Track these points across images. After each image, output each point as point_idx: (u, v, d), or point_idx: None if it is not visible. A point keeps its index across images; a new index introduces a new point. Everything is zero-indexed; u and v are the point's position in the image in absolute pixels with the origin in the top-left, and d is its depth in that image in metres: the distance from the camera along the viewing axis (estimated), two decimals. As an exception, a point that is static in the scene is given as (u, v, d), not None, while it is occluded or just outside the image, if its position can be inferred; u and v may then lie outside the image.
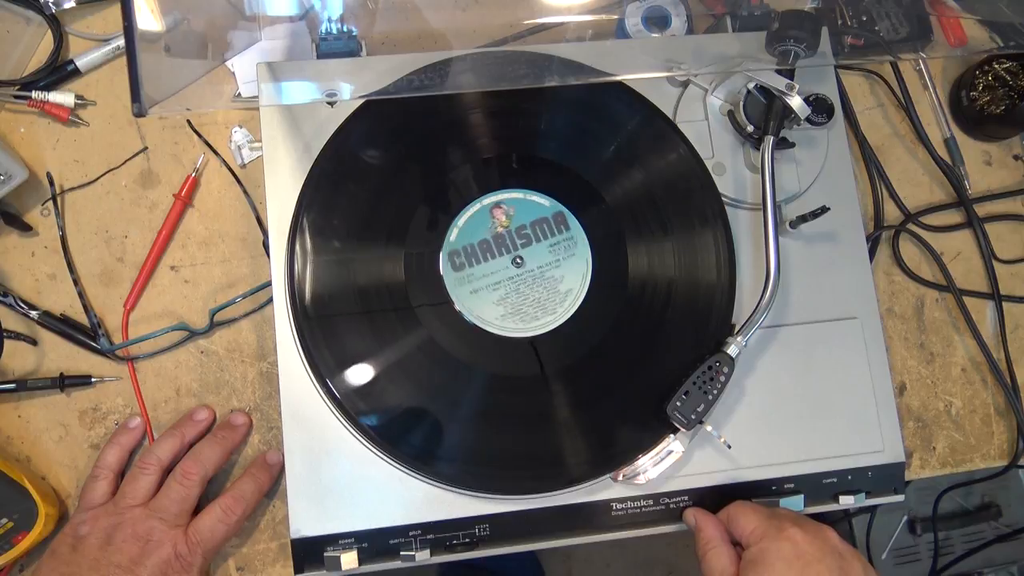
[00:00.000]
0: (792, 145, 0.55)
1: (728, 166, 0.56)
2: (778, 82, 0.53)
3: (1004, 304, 0.62)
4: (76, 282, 0.55)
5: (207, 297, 0.56)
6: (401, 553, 0.49)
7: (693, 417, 0.49)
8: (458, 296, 0.51)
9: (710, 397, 0.50)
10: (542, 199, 0.52)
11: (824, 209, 0.53)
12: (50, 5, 0.57)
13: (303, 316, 0.50)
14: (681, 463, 0.50)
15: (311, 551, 0.48)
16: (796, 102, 0.52)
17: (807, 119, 0.54)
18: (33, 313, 0.54)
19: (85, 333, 0.54)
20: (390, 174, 0.54)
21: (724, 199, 0.55)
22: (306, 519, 0.48)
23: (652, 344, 0.52)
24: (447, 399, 0.51)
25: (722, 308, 0.53)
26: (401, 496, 0.49)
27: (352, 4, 0.55)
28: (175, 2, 0.47)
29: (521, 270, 0.52)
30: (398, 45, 0.60)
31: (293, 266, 0.51)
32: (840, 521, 0.92)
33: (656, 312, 0.53)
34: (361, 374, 0.50)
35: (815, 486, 0.52)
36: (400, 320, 0.51)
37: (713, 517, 0.49)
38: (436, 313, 0.51)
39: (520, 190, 0.53)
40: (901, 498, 0.53)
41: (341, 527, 0.48)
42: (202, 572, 0.49)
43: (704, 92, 0.57)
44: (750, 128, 0.54)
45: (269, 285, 0.52)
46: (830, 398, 0.53)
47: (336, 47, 0.55)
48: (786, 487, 0.52)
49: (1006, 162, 0.66)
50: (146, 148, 0.58)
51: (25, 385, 0.53)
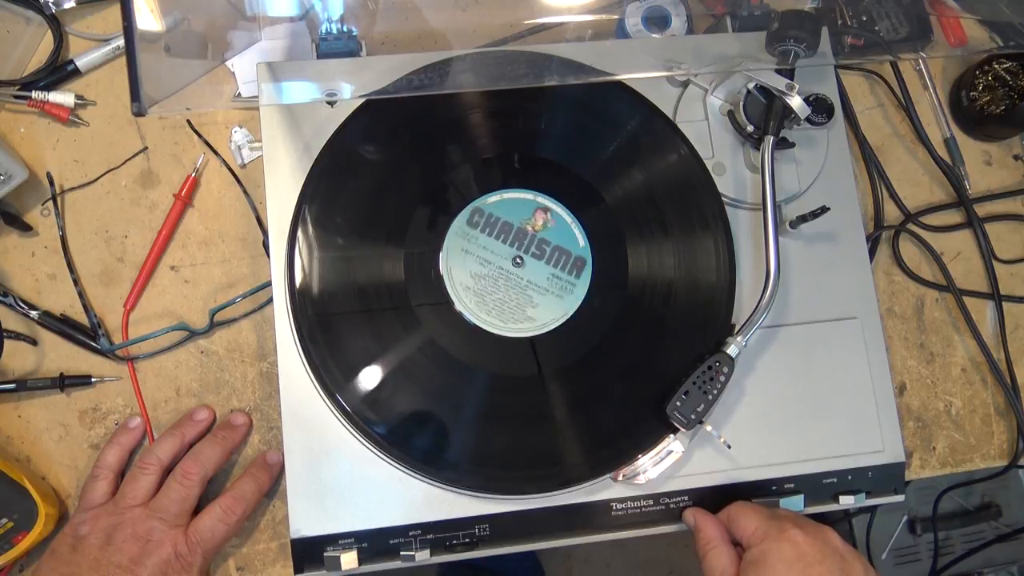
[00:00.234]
0: (792, 145, 0.55)
1: (728, 166, 0.56)
2: (778, 82, 0.53)
3: (1004, 304, 0.62)
4: (76, 282, 0.55)
5: (207, 297, 0.56)
6: (401, 553, 0.49)
7: (693, 417, 0.49)
8: (448, 247, 0.51)
9: (710, 397, 0.50)
10: (581, 236, 0.52)
11: (824, 209, 0.53)
12: (50, 5, 0.57)
13: (303, 316, 0.50)
14: (681, 463, 0.50)
15: (311, 551, 0.48)
16: (796, 102, 0.52)
17: (807, 119, 0.54)
18: (33, 313, 0.54)
19: (85, 333, 0.54)
20: (390, 174, 0.54)
21: (724, 199, 0.55)
22: (306, 519, 0.48)
23: (652, 344, 0.52)
24: (447, 399, 0.51)
25: (722, 308, 0.53)
26: (401, 496, 0.49)
27: (352, 4, 0.55)
28: (175, 2, 0.47)
29: (514, 270, 0.52)
30: (398, 45, 0.60)
31: (293, 266, 0.51)
32: (840, 521, 0.92)
33: (656, 312, 0.53)
34: (361, 374, 0.50)
35: (815, 486, 0.52)
36: (400, 320, 0.51)
37: (713, 517, 0.49)
38: (436, 313, 0.51)
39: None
40: (901, 498, 0.53)
41: (341, 527, 0.48)
42: (202, 572, 0.49)
43: (704, 92, 0.56)
44: (750, 128, 0.54)
45: (269, 285, 0.52)
46: (830, 398, 0.53)
47: (336, 47, 0.55)
48: (786, 487, 0.52)
49: (1006, 162, 0.66)
50: (146, 148, 0.58)
51: (25, 385, 0.53)
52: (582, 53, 0.56)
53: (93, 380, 0.54)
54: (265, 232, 0.56)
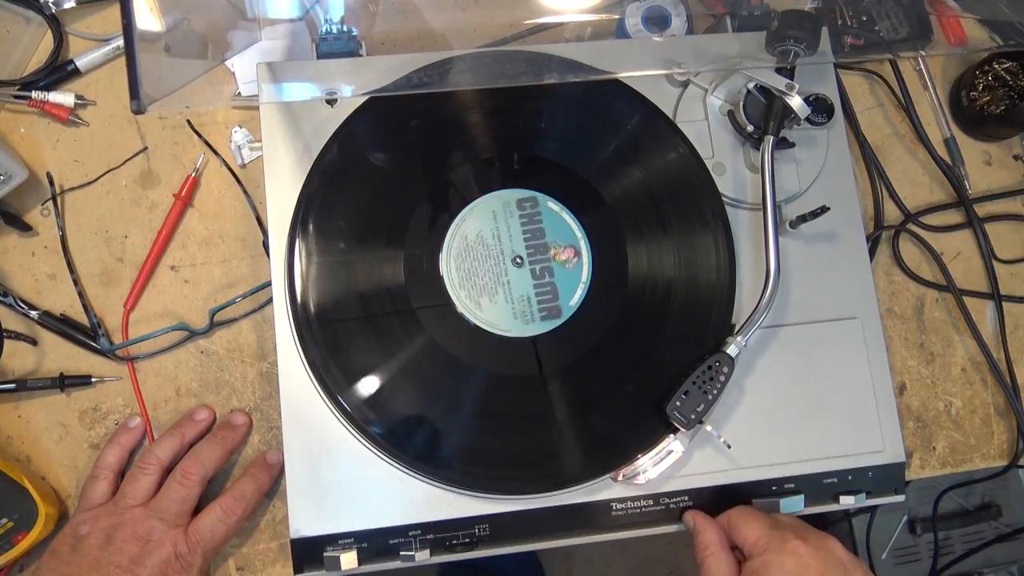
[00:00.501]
0: (792, 145, 0.55)
1: (728, 166, 0.56)
2: (778, 82, 0.53)
3: (1004, 304, 0.62)
4: (76, 282, 0.55)
5: (207, 297, 0.56)
6: (401, 553, 0.49)
7: (693, 417, 0.49)
8: (478, 211, 0.52)
9: (710, 397, 0.50)
10: (581, 292, 0.52)
11: (824, 209, 0.53)
12: (50, 5, 0.57)
13: (303, 316, 0.50)
14: (681, 463, 0.50)
15: (311, 551, 0.48)
16: (796, 102, 0.52)
17: (807, 119, 0.54)
18: (33, 313, 0.54)
19: (85, 333, 0.54)
20: (390, 174, 0.54)
21: (724, 199, 0.55)
22: (306, 519, 0.48)
23: (652, 344, 0.52)
24: (447, 399, 0.51)
25: (722, 308, 0.53)
26: (401, 496, 0.49)
27: (352, 5, 0.55)
28: (175, 2, 0.47)
29: (508, 264, 0.52)
30: (398, 45, 0.60)
31: (293, 266, 0.51)
32: (840, 521, 0.92)
33: (656, 312, 0.53)
34: (361, 374, 0.50)
35: (815, 486, 0.52)
36: (400, 321, 0.51)
37: (712, 521, 0.49)
38: (436, 314, 0.51)
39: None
40: (901, 498, 0.53)
41: (341, 527, 0.48)
42: (202, 572, 0.49)
43: (704, 92, 0.56)
44: (750, 128, 0.54)
45: (269, 285, 0.52)
46: (830, 398, 0.53)
47: (336, 47, 0.55)
48: (786, 487, 0.52)
49: (1006, 162, 0.66)
50: (146, 148, 0.58)
51: (25, 385, 0.53)
52: (582, 53, 0.56)
53: (93, 380, 0.54)
54: (265, 232, 0.56)
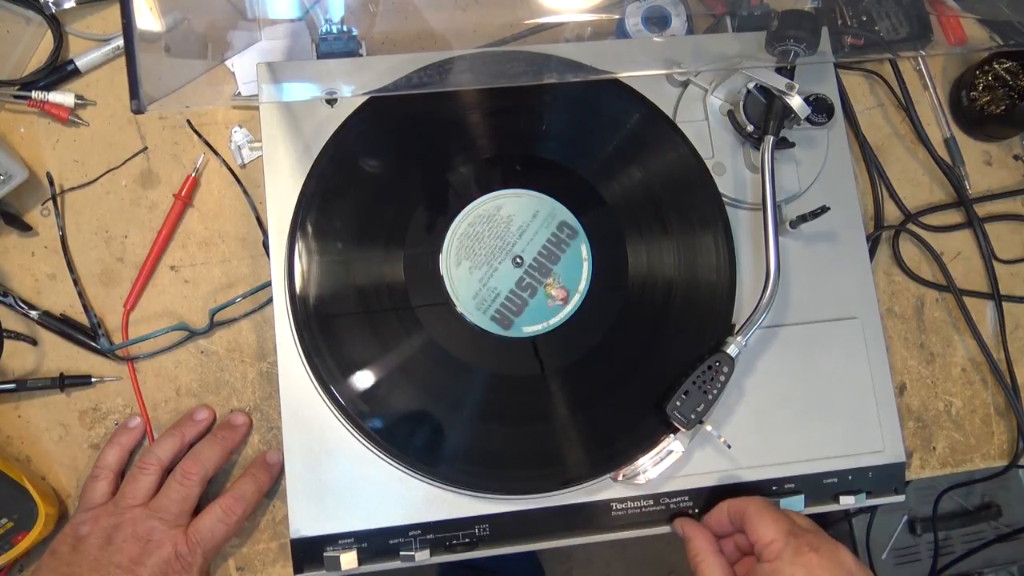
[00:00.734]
0: (792, 145, 0.55)
1: (728, 166, 0.56)
2: (778, 82, 0.53)
3: (1004, 304, 0.62)
4: (76, 282, 0.55)
5: (207, 297, 0.56)
6: (401, 553, 0.49)
7: (693, 417, 0.49)
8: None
9: (710, 397, 0.50)
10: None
11: (824, 209, 0.53)
12: (50, 5, 0.57)
13: (303, 316, 0.50)
14: (681, 463, 0.50)
15: (311, 551, 0.48)
16: (796, 102, 0.52)
17: (807, 119, 0.54)
18: (33, 313, 0.54)
19: (85, 333, 0.54)
20: (390, 174, 0.54)
21: (724, 199, 0.55)
22: (306, 519, 0.48)
23: (652, 344, 0.52)
24: (447, 399, 0.51)
25: (722, 308, 0.53)
26: (401, 496, 0.49)
27: (352, 5, 0.55)
28: (175, 2, 0.47)
29: (511, 263, 0.52)
30: (398, 45, 0.60)
31: (293, 266, 0.51)
32: (840, 521, 0.92)
33: (656, 312, 0.53)
34: (361, 374, 0.50)
35: (815, 486, 0.52)
36: (400, 320, 0.51)
37: (701, 527, 0.49)
38: (436, 314, 0.51)
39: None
40: (901, 498, 0.53)
41: (341, 527, 0.48)
42: (202, 572, 0.49)
43: (704, 92, 0.56)
44: (750, 128, 0.54)
45: (269, 285, 0.52)
46: (830, 398, 0.53)
47: (336, 47, 0.55)
48: (786, 487, 0.52)
49: (1006, 162, 0.66)
50: (146, 148, 0.58)
51: (25, 385, 0.53)
52: (582, 53, 0.56)
53: (93, 380, 0.54)
54: (265, 232, 0.56)
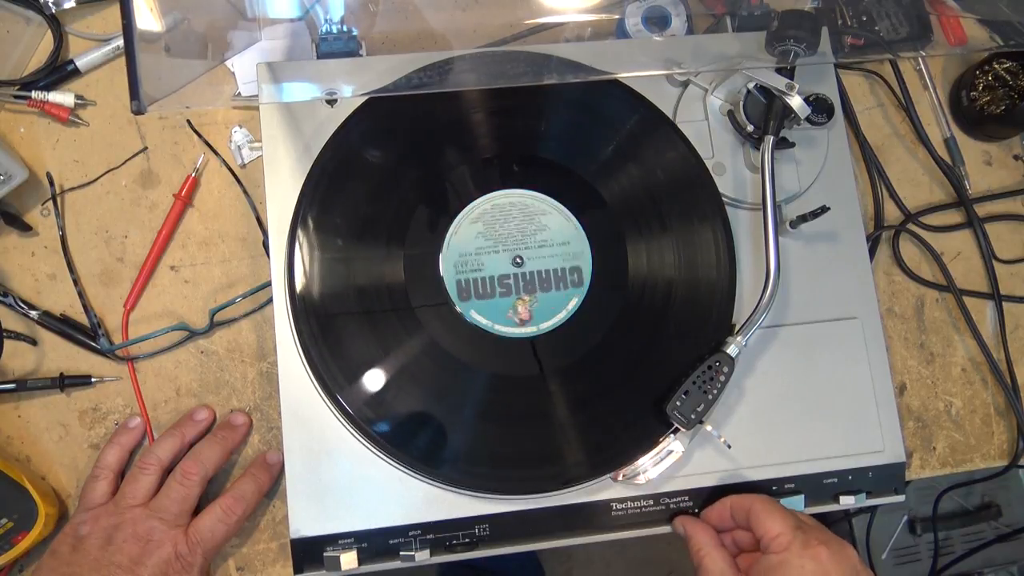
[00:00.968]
0: (792, 145, 0.55)
1: (728, 166, 0.56)
2: (778, 82, 0.53)
3: (1004, 304, 0.62)
4: (76, 282, 0.55)
5: (207, 297, 0.56)
6: (401, 553, 0.49)
7: (693, 417, 0.49)
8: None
9: (710, 397, 0.50)
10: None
11: (824, 209, 0.53)
12: (50, 5, 0.57)
13: (303, 316, 0.50)
14: (681, 463, 0.50)
15: (311, 551, 0.48)
16: (796, 102, 0.52)
17: (807, 119, 0.54)
18: (33, 313, 0.54)
19: (85, 333, 0.54)
20: (390, 174, 0.54)
21: (724, 199, 0.55)
22: (306, 519, 0.48)
23: (652, 344, 0.52)
24: (447, 399, 0.51)
25: (722, 308, 0.53)
26: (401, 496, 0.49)
27: (352, 5, 0.55)
28: (175, 2, 0.47)
29: (513, 260, 0.52)
30: (398, 45, 0.60)
31: (293, 266, 0.51)
32: (840, 521, 0.92)
33: (656, 312, 0.53)
34: (361, 374, 0.50)
35: (815, 486, 0.52)
36: (400, 321, 0.51)
37: (701, 522, 0.49)
38: (436, 314, 0.51)
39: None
40: (901, 498, 0.53)
41: (341, 527, 0.48)
42: (202, 572, 0.49)
43: (704, 92, 0.56)
44: (750, 128, 0.54)
45: (269, 285, 0.52)
46: (830, 398, 0.53)
47: (336, 47, 0.55)
48: (786, 487, 0.52)
49: (1006, 162, 0.66)
50: (146, 148, 0.58)
51: (25, 385, 0.53)
52: (582, 53, 0.56)
53: (93, 380, 0.54)
54: (265, 232, 0.56)
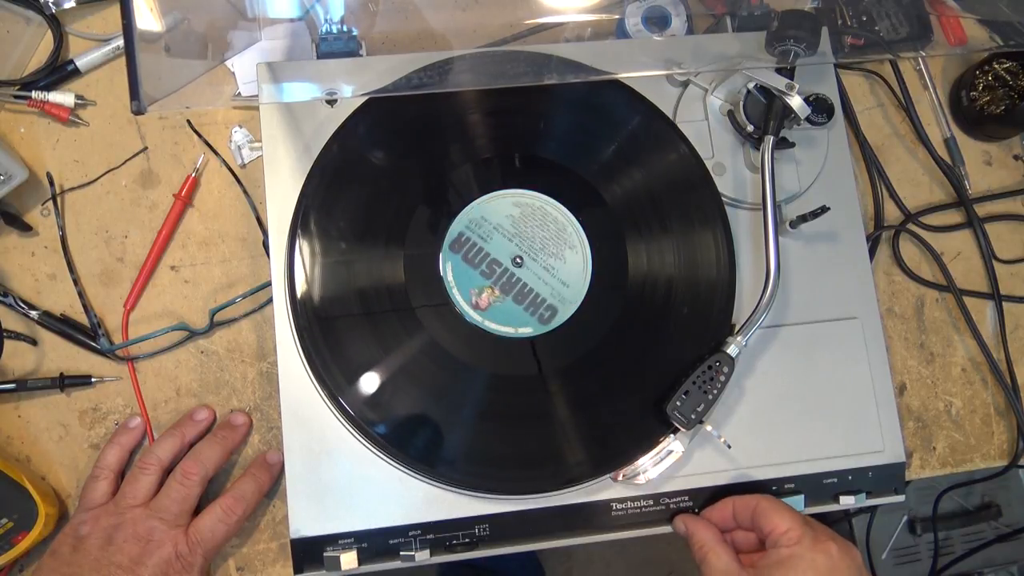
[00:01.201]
0: (792, 145, 0.55)
1: (728, 166, 0.56)
2: (778, 82, 0.53)
3: (1004, 304, 0.62)
4: (76, 282, 0.55)
5: (207, 297, 0.56)
6: (401, 553, 0.49)
7: (693, 417, 0.49)
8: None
9: (710, 397, 0.50)
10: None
11: (824, 209, 0.53)
12: (50, 5, 0.57)
13: (303, 316, 0.50)
14: (681, 463, 0.50)
15: (311, 551, 0.48)
16: (796, 102, 0.52)
17: (807, 119, 0.54)
18: (33, 313, 0.54)
19: (85, 333, 0.54)
20: (390, 174, 0.54)
21: (724, 199, 0.55)
22: (306, 519, 0.48)
23: (652, 344, 0.52)
24: (447, 399, 0.51)
25: (722, 308, 0.53)
26: (401, 496, 0.49)
27: (352, 5, 0.55)
28: (175, 2, 0.47)
29: (516, 263, 0.52)
30: (398, 45, 0.60)
31: (293, 266, 0.51)
32: (840, 521, 0.92)
33: (656, 312, 0.53)
34: (361, 374, 0.50)
35: (815, 486, 0.52)
36: (400, 321, 0.51)
37: (702, 520, 0.49)
38: (436, 314, 0.51)
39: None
40: (901, 498, 0.53)
41: (341, 527, 0.48)
42: (203, 572, 0.49)
43: (704, 92, 0.56)
44: (750, 128, 0.54)
45: (269, 285, 0.52)
46: (830, 398, 0.53)
47: (336, 47, 0.55)
48: (786, 487, 0.52)
49: (1006, 162, 0.66)
50: (146, 148, 0.58)
51: (25, 385, 0.53)
52: (582, 53, 0.56)
53: (93, 380, 0.54)
54: (265, 232, 0.56)
